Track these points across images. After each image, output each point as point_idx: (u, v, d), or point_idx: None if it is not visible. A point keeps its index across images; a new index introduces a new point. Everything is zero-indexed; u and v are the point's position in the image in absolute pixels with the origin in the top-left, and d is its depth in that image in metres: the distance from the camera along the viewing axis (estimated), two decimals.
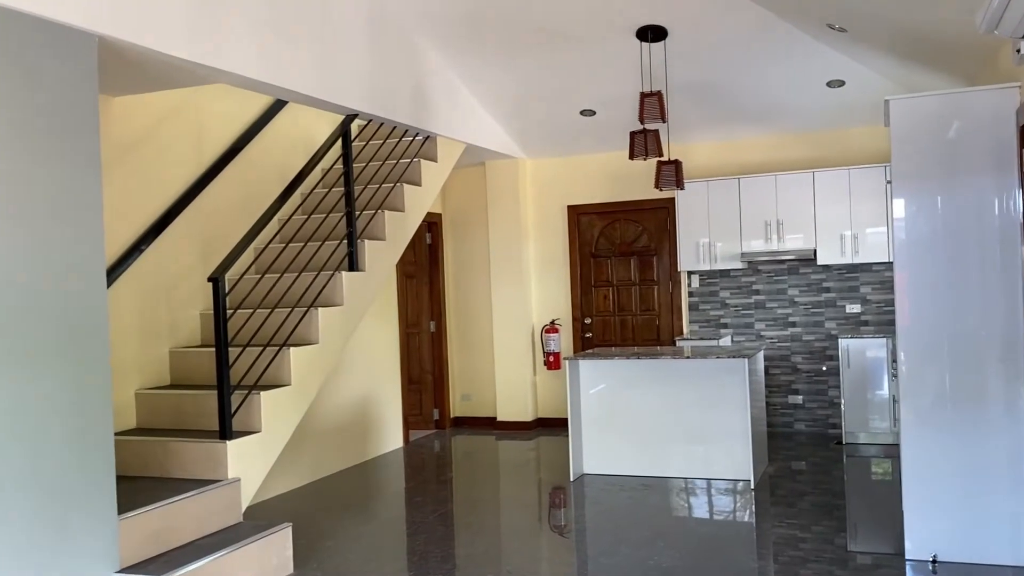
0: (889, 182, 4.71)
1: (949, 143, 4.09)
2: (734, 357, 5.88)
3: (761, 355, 6.65)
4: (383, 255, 5.95)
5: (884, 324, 7.62)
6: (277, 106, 6.46)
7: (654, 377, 6.35)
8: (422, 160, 6.60)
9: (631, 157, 6.12)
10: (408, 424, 8.22)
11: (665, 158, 6.44)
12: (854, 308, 7.73)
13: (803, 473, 6.34)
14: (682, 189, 6.35)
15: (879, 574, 4.18)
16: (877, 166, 7.31)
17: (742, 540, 4.89)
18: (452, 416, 9.00)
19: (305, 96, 5.22)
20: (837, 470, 6.41)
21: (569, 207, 8.64)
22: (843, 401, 7.24)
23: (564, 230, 8.68)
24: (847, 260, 7.40)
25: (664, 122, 5.98)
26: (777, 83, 6.86)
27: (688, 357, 6.04)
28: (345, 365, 7.19)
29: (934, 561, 4.20)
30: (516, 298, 8.60)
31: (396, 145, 6.49)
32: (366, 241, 5.75)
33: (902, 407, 4.20)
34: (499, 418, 8.70)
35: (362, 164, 6.57)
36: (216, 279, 4.51)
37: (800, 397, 7.90)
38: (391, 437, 7.89)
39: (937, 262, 4.13)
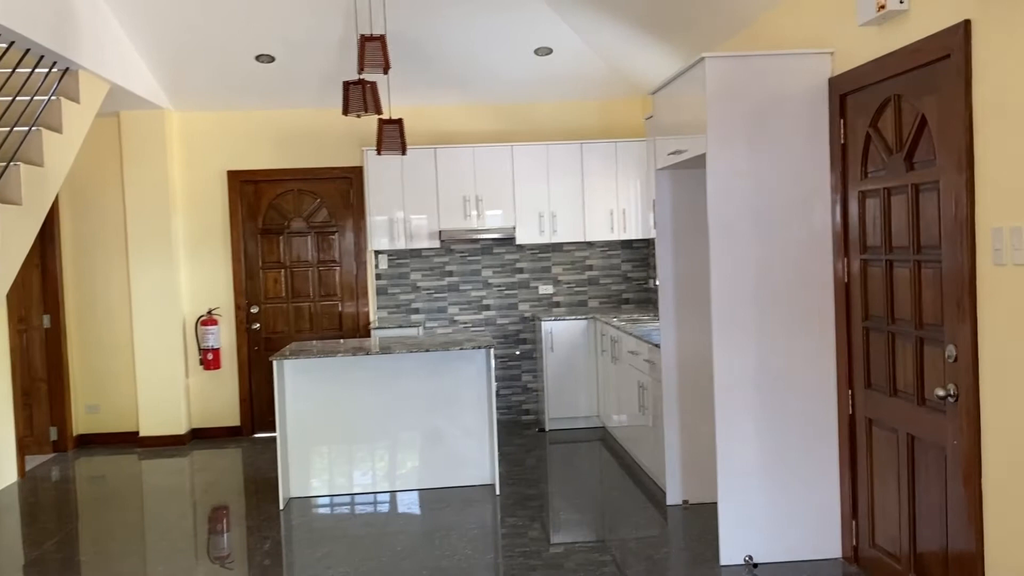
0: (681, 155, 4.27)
1: (766, 110, 3.77)
2: (477, 348, 5.17)
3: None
4: (19, 225, 4.23)
5: (576, 305, 7.45)
6: None
7: (377, 375, 5.40)
8: (63, 99, 4.88)
9: (345, 112, 5.07)
10: (23, 449, 6.25)
11: (385, 116, 5.49)
12: (547, 289, 7.45)
13: (533, 469, 5.85)
14: (404, 154, 5.46)
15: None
16: (573, 143, 7.06)
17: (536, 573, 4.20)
18: (76, 434, 7.09)
19: None
20: (571, 463, 6.02)
21: (230, 173, 7.22)
22: (546, 386, 6.92)
23: (224, 201, 7.23)
24: (546, 239, 7.06)
25: (385, 73, 5.02)
26: (485, 43, 6.25)
27: (428, 350, 5.18)
28: None
29: (752, 564, 3.89)
30: (162, 283, 6.98)
31: (28, 79, 4.70)
32: None
33: (716, 397, 3.82)
34: (142, 432, 7.03)
35: None
36: None
37: (495, 384, 7.42)
38: (2, 470, 5.91)
39: (747, 238, 3.81)
